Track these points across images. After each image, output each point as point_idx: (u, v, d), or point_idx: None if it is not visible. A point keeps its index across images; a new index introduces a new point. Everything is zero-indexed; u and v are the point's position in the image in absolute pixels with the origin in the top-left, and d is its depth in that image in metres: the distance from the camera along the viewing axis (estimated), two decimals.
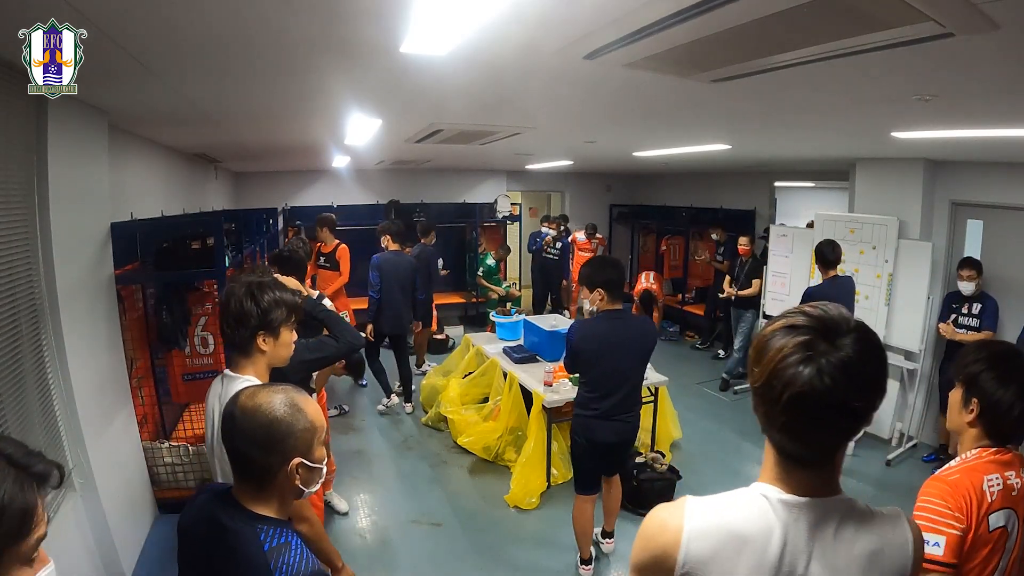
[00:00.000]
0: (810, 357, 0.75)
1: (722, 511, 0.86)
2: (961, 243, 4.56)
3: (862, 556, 0.84)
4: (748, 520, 0.83)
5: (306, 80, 2.16)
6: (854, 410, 0.76)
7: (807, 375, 0.74)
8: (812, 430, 0.78)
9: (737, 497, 0.87)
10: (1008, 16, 1.27)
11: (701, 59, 1.76)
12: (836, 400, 0.74)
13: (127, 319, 2.77)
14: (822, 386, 0.73)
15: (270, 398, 1.09)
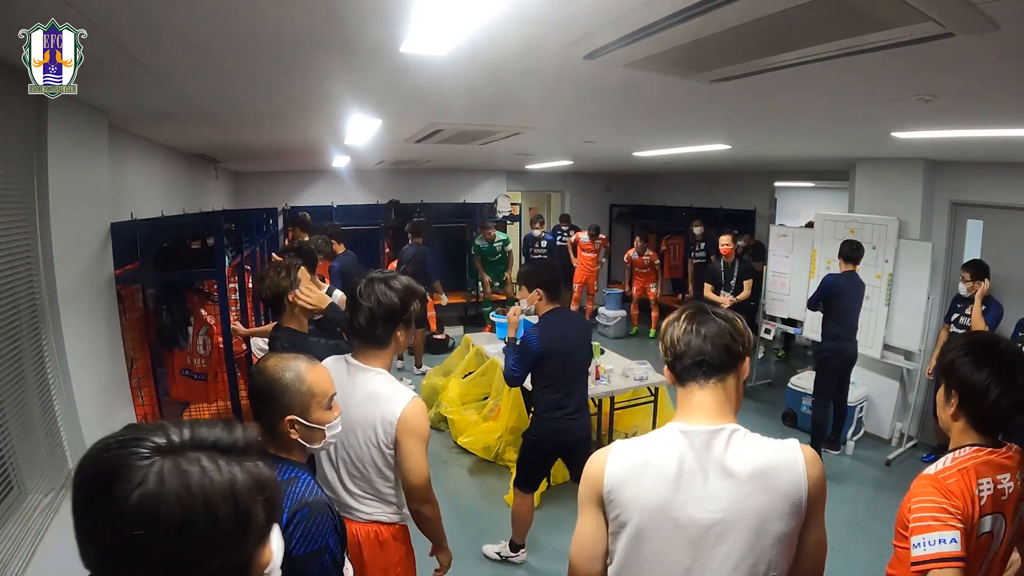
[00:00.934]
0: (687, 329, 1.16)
1: (636, 445, 1.15)
2: (961, 243, 4.56)
3: (754, 471, 1.07)
4: (654, 448, 1.13)
5: (306, 80, 2.16)
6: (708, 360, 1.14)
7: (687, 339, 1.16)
8: (700, 375, 1.15)
9: (652, 434, 1.17)
10: (1008, 16, 1.27)
11: (701, 59, 1.76)
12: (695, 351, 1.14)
13: (127, 319, 2.76)
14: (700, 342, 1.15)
15: (279, 363, 1.28)
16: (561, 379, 2.80)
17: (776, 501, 1.06)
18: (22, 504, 1.89)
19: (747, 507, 1.06)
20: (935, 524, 1.22)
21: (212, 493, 0.55)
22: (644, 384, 4.07)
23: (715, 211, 7.53)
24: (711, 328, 1.14)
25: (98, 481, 0.55)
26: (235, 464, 0.58)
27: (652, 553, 1.09)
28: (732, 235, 5.38)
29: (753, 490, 1.06)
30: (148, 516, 0.53)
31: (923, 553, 1.20)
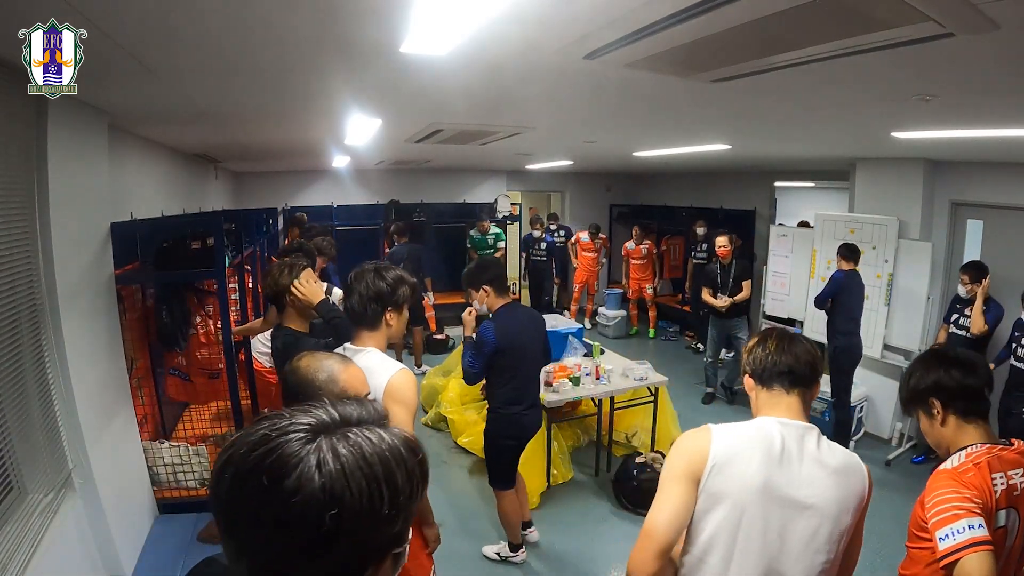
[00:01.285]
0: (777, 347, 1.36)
1: (738, 427, 1.29)
2: (961, 243, 4.56)
3: (834, 467, 1.25)
4: (758, 432, 1.27)
5: (306, 80, 2.16)
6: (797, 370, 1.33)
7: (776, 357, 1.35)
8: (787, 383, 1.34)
9: (749, 422, 1.31)
10: (1008, 16, 1.27)
11: (701, 59, 1.76)
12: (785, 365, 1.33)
13: (127, 319, 2.76)
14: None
15: (312, 363, 1.34)
16: (516, 373, 2.77)
17: (850, 497, 1.24)
18: (22, 504, 1.89)
19: (832, 496, 1.23)
20: (961, 513, 1.23)
21: (385, 460, 0.56)
22: (644, 384, 4.07)
23: (715, 211, 7.52)
24: (801, 348, 1.36)
25: (272, 472, 0.53)
26: (386, 432, 0.60)
27: (747, 526, 1.22)
28: (728, 236, 5.28)
29: (837, 483, 1.24)
30: (336, 495, 0.53)
31: (953, 543, 1.20)
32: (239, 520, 0.55)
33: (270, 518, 0.53)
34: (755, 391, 1.39)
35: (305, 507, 0.52)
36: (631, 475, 3.57)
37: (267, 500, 0.52)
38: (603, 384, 3.94)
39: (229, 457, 0.56)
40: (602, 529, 3.37)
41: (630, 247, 7.53)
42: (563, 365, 4.00)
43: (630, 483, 3.55)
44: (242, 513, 0.55)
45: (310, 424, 0.56)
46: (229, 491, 0.55)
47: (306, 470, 0.53)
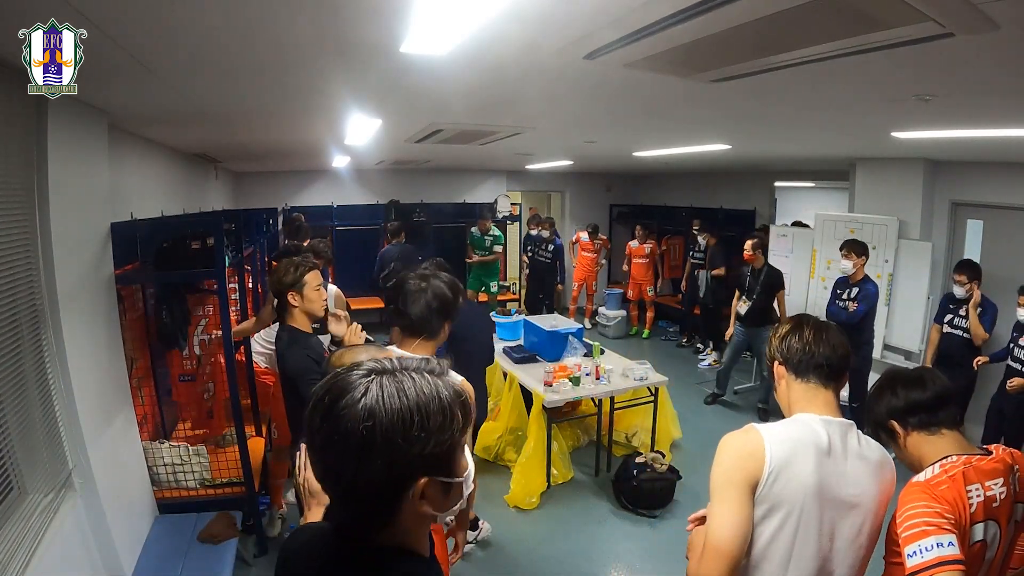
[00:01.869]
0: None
1: (787, 429, 1.24)
2: (961, 243, 4.56)
3: (874, 462, 1.27)
4: (807, 432, 1.23)
5: (306, 80, 2.16)
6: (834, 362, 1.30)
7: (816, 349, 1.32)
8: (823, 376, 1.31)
9: (789, 421, 1.28)
10: (1008, 16, 1.27)
11: (701, 59, 1.76)
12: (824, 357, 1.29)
13: (127, 319, 2.76)
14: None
15: (355, 356, 1.34)
16: (465, 364, 2.77)
17: (885, 491, 1.29)
18: (22, 504, 1.89)
19: (874, 490, 1.26)
20: (930, 529, 1.17)
21: (422, 394, 0.73)
22: (644, 384, 4.07)
23: (715, 211, 7.52)
24: (837, 340, 1.33)
25: (332, 396, 0.73)
26: (438, 379, 0.76)
27: (803, 530, 1.20)
28: (754, 240, 4.97)
29: (876, 478, 1.27)
30: (372, 412, 0.70)
31: (920, 561, 1.15)
32: (316, 433, 0.73)
33: (329, 428, 0.72)
34: (786, 380, 1.37)
35: (349, 420, 0.70)
36: (631, 475, 3.57)
37: (327, 415, 0.72)
38: (603, 384, 3.94)
39: (315, 389, 0.76)
40: (602, 529, 3.37)
41: (633, 246, 7.50)
42: (563, 365, 4.00)
43: (630, 483, 3.55)
44: (316, 427, 0.73)
45: (370, 368, 0.75)
46: (311, 413, 0.74)
47: (355, 394, 0.72)
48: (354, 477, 0.71)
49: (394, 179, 7.86)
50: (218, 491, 2.90)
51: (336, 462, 0.72)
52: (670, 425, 4.41)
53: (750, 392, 5.55)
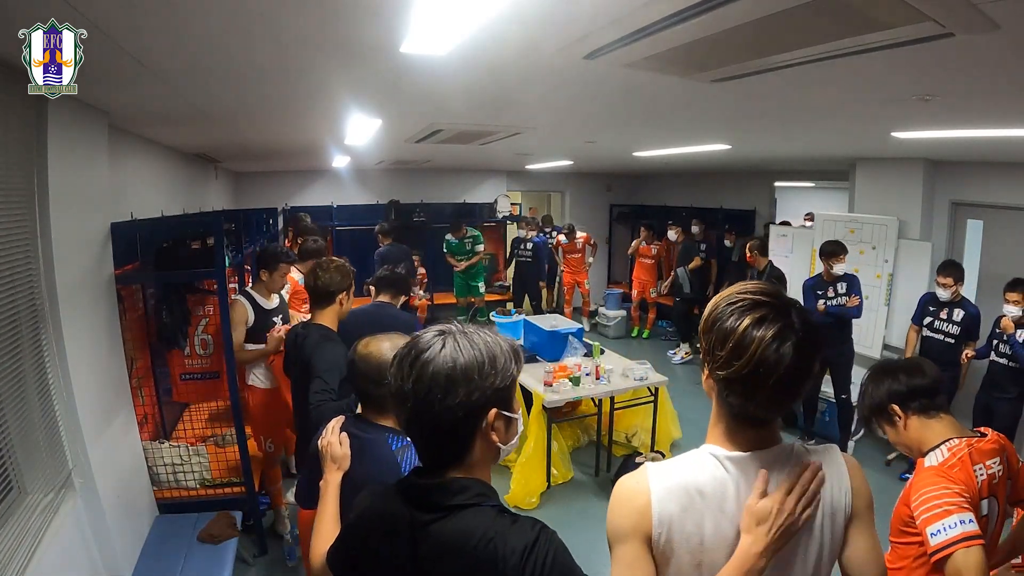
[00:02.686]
0: (784, 340, 0.84)
1: (680, 472, 0.94)
2: (961, 243, 4.56)
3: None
4: (703, 477, 0.92)
5: (306, 80, 2.16)
6: (814, 371, 0.88)
7: (788, 356, 0.83)
8: (786, 397, 0.88)
9: (690, 459, 0.97)
10: (1008, 16, 1.27)
11: (701, 59, 1.76)
12: (807, 367, 0.85)
13: (127, 319, 2.76)
14: (801, 361, 0.84)
15: (380, 345, 1.46)
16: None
17: None
18: (22, 504, 1.89)
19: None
20: (952, 508, 1.26)
21: (487, 342, 0.91)
22: (644, 384, 4.07)
23: (715, 211, 7.52)
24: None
25: (417, 350, 0.89)
26: (499, 336, 0.94)
27: None
28: (753, 241, 5.01)
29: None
30: (454, 357, 0.87)
31: (945, 538, 1.23)
32: (405, 381, 0.88)
33: (418, 374, 0.87)
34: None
35: (435, 366, 0.87)
36: None
37: (414, 364, 0.88)
38: (603, 384, 3.94)
39: (396, 356, 0.93)
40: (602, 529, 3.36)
41: (642, 245, 7.45)
42: (563, 365, 4.00)
43: None
44: (405, 376, 0.88)
45: (441, 329, 0.92)
46: (398, 368, 0.90)
47: (435, 347, 0.89)
48: (440, 413, 0.86)
49: (394, 179, 7.86)
50: (218, 491, 2.90)
51: (424, 403, 0.86)
52: (670, 425, 4.41)
53: None
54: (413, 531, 0.90)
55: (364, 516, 1.00)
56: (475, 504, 0.88)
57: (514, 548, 0.83)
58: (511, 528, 0.86)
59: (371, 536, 0.96)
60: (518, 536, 0.85)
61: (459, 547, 0.85)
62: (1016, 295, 3.52)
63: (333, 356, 2.11)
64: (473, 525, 0.86)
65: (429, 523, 0.88)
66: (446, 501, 0.89)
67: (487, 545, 0.84)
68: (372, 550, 0.96)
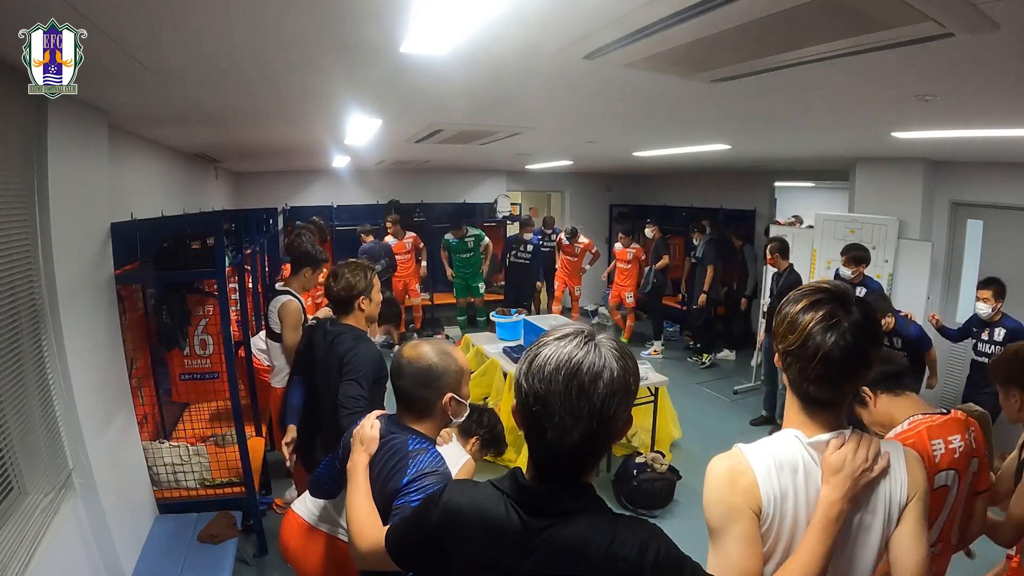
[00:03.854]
0: (835, 323, 0.95)
1: (775, 451, 1.03)
2: (961, 243, 4.56)
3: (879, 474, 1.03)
4: (795, 456, 1.02)
5: (306, 80, 2.16)
6: (869, 359, 0.98)
7: (833, 339, 0.95)
8: (840, 379, 0.98)
9: (778, 439, 1.05)
10: (1008, 16, 1.27)
11: (701, 59, 1.76)
12: (859, 352, 0.95)
13: (127, 319, 2.76)
14: (846, 344, 0.94)
15: (432, 348, 1.42)
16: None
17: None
18: (22, 504, 1.89)
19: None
20: None
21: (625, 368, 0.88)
22: (644, 384, 4.07)
23: (715, 211, 7.52)
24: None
25: (586, 368, 0.86)
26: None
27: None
28: (772, 243, 4.81)
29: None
30: (617, 374, 0.87)
31: None
32: (588, 398, 0.84)
33: (596, 389, 0.85)
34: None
35: (608, 378, 0.86)
36: (631, 475, 3.57)
37: (597, 379, 0.85)
38: None
39: (561, 368, 0.86)
40: None
41: (617, 248, 7.34)
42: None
43: (630, 483, 3.55)
44: (592, 394, 0.85)
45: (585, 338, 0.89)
46: (566, 386, 0.85)
47: (603, 360, 0.87)
48: (610, 423, 0.87)
49: (394, 179, 7.86)
50: (218, 491, 2.90)
51: (605, 417, 0.85)
52: (670, 425, 4.41)
53: (749, 392, 5.55)
54: (528, 537, 0.89)
55: (459, 514, 0.97)
56: (590, 509, 0.90)
57: (632, 547, 0.86)
58: (626, 529, 0.88)
59: (469, 538, 0.95)
60: (634, 536, 0.87)
61: (580, 553, 0.86)
62: (987, 293, 3.51)
63: (368, 360, 2.09)
64: (592, 531, 0.87)
65: (544, 528, 0.89)
66: (566, 507, 0.89)
67: (608, 548, 0.85)
68: (472, 552, 0.95)
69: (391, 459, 1.35)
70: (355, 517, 1.28)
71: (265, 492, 3.49)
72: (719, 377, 6.14)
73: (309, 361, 2.44)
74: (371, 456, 1.38)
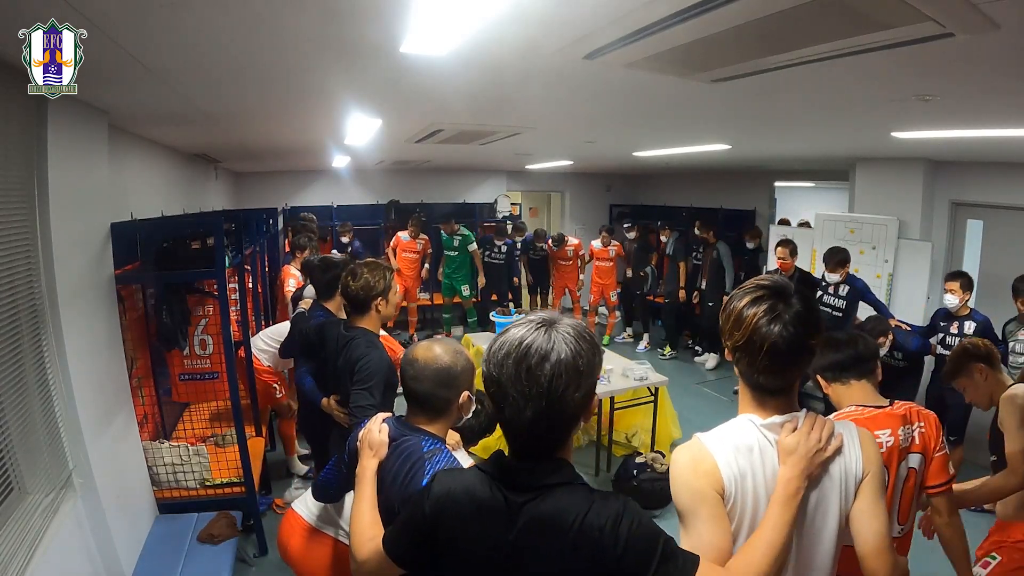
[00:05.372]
0: (777, 316, 1.01)
1: (731, 436, 1.08)
2: (961, 243, 4.56)
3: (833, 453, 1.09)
4: (750, 438, 1.07)
5: (306, 80, 2.16)
6: (811, 348, 1.04)
7: (776, 330, 1.00)
8: (786, 367, 1.04)
9: (733, 425, 1.11)
10: (1008, 16, 1.27)
11: (701, 59, 1.76)
12: (800, 343, 1.01)
13: (127, 319, 2.76)
14: (788, 335, 1.00)
15: (446, 348, 1.41)
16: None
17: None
18: (22, 504, 1.89)
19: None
20: None
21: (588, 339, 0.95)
22: (644, 384, 4.07)
23: (715, 211, 7.51)
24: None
25: (535, 351, 0.93)
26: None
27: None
28: (782, 246, 4.67)
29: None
30: (570, 357, 0.92)
31: None
32: (537, 379, 0.90)
33: (554, 370, 0.91)
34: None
35: (561, 359, 0.91)
36: (631, 475, 3.57)
37: (544, 360, 0.91)
38: (603, 384, 3.94)
39: (510, 351, 0.93)
40: None
41: (596, 247, 7.25)
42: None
43: (630, 483, 3.55)
44: (542, 375, 0.90)
45: (540, 323, 0.95)
46: (515, 366, 0.91)
47: (555, 343, 0.92)
48: (568, 404, 0.92)
49: (394, 179, 7.86)
50: (218, 491, 2.90)
51: (557, 397, 0.90)
52: (670, 425, 4.40)
53: None
54: (510, 511, 0.95)
55: (449, 499, 1.01)
56: (568, 483, 0.95)
57: (607, 518, 0.90)
58: (601, 501, 0.93)
59: (461, 518, 0.99)
60: (609, 507, 0.91)
61: (558, 524, 0.91)
62: (954, 284, 3.52)
63: (380, 368, 2.07)
64: (568, 502, 0.92)
65: (525, 503, 0.94)
66: (543, 481, 0.94)
67: (584, 519, 0.90)
68: (463, 532, 0.99)
69: (405, 462, 1.33)
70: (357, 526, 1.26)
71: (265, 492, 3.48)
72: (719, 377, 6.14)
73: (319, 356, 2.44)
74: (380, 460, 1.36)
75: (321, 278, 2.78)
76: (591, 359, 0.93)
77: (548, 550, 0.92)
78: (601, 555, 0.89)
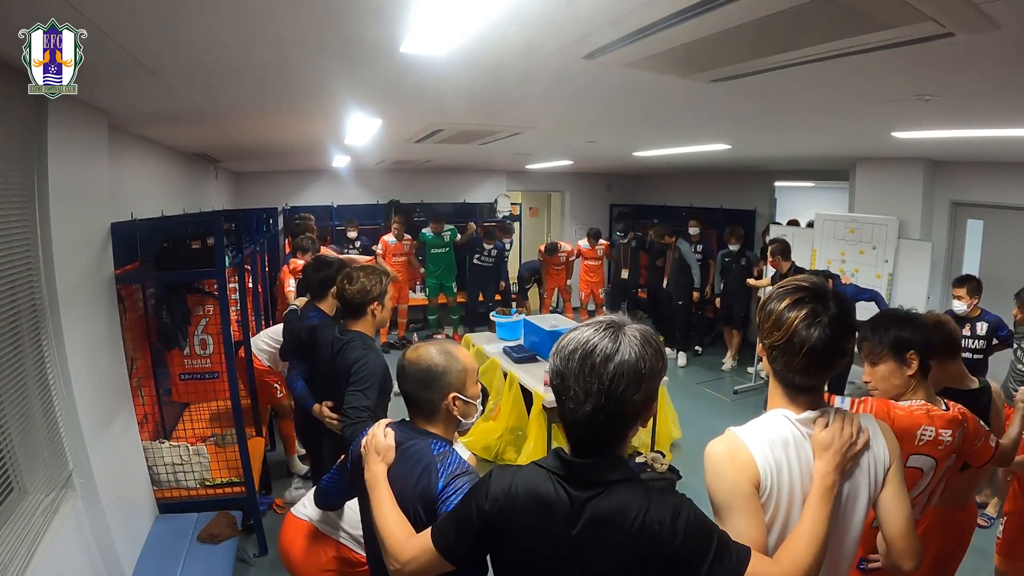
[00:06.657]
0: (818, 320, 1.04)
1: (766, 429, 1.11)
2: (961, 243, 4.56)
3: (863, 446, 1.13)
4: (785, 432, 1.11)
5: (306, 80, 2.16)
6: (847, 350, 1.08)
7: (816, 334, 1.03)
8: (821, 368, 1.08)
9: (768, 419, 1.14)
10: (1008, 16, 1.27)
11: (701, 59, 1.76)
12: (837, 344, 1.05)
13: (127, 319, 2.76)
14: (827, 337, 1.03)
15: (432, 348, 1.41)
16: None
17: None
18: (22, 504, 1.89)
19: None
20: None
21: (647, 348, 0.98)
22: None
23: (715, 211, 7.51)
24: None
25: (599, 352, 0.97)
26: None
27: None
28: (776, 244, 4.78)
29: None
30: (634, 360, 0.96)
31: None
32: (598, 378, 0.94)
33: (617, 371, 0.95)
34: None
35: (626, 362, 0.95)
36: None
37: (607, 362, 0.95)
38: None
39: (577, 351, 0.98)
40: None
41: (584, 246, 7.32)
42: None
43: None
44: (604, 376, 0.95)
45: (608, 326, 1.00)
46: (580, 366, 0.96)
47: (621, 346, 0.96)
48: (628, 404, 0.96)
49: (394, 179, 7.85)
50: (218, 491, 2.90)
51: (616, 388, 0.94)
52: (670, 425, 4.41)
53: (749, 392, 5.55)
54: (573, 507, 0.97)
55: (510, 496, 1.03)
56: (628, 479, 0.98)
57: (666, 513, 0.94)
58: (660, 497, 0.97)
59: (524, 515, 1.01)
60: (667, 503, 0.95)
61: (621, 519, 0.95)
62: (961, 290, 3.47)
63: (376, 371, 2.08)
64: (630, 498, 0.96)
65: (588, 499, 0.97)
66: (605, 477, 0.98)
67: (645, 514, 0.94)
68: (525, 529, 1.01)
69: (415, 465, 1.32)
70: (388, 529, 1.23)
71: (265, 492, 3.48)
72: (719, 377, 6.14)
73: (310, 359, 2.44)
74: (388, 465, 1.35)
75: (314, 277, 2.77)
76: (654, 364, 0.97)
77: (610, 544, 0.95)
78: (661, 548, 0.93)
